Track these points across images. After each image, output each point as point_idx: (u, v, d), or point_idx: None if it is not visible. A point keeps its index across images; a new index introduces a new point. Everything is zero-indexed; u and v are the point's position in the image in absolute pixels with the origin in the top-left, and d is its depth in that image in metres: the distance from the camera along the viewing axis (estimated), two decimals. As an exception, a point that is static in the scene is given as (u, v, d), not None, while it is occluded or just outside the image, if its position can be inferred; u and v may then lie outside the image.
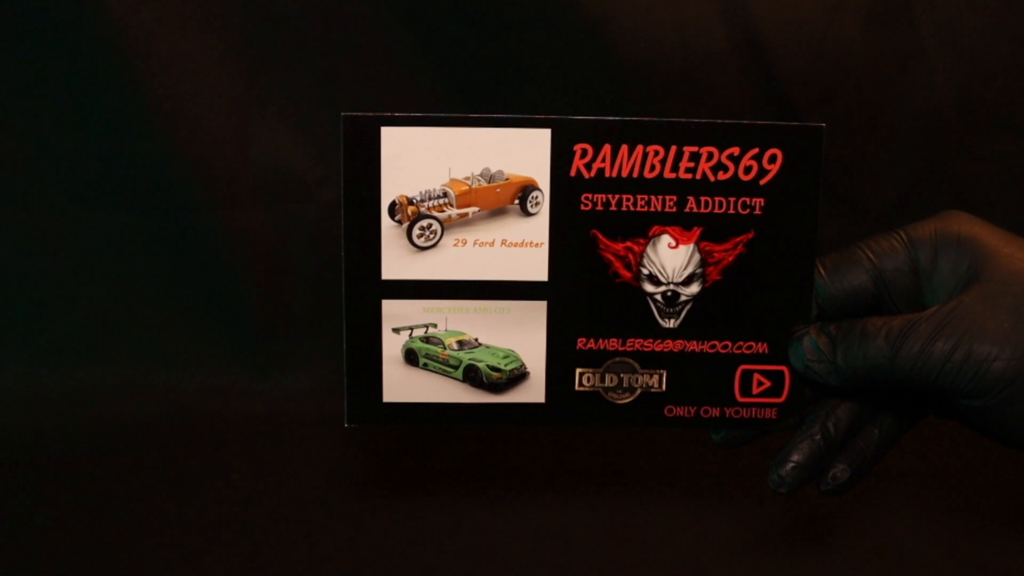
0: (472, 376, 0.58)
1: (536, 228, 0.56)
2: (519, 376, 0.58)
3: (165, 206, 1.14)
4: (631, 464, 1.08)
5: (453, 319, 0.57)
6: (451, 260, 0.56)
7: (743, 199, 0.56)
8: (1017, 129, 1.15)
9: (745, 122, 0.55)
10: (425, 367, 0.58)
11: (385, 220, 0.55)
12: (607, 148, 0.55)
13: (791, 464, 0.56)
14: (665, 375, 0.58)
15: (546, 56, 1.11)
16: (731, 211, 0.56)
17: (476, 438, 1.11)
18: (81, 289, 1.16)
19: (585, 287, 0.57)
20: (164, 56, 1.09)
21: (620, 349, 0.58)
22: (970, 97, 1.14)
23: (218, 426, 1.13)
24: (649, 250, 0.56)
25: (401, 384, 0.58)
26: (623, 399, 0.58)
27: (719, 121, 0.55)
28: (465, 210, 0.56)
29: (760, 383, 0.58)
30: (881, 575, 0.94)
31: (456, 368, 0.58)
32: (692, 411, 0.58)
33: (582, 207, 0.56)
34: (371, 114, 0.54)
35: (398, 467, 1.09)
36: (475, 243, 0.56)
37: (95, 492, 1.03)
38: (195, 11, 1.09)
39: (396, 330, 0.57)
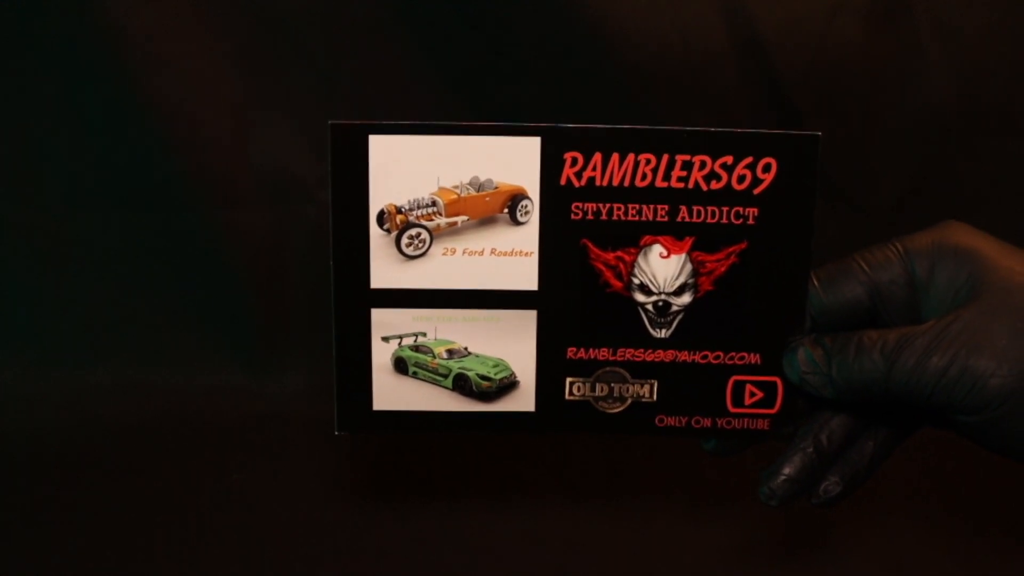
0: (462, 385, 0.57)
1: (526, 237, 0.55)
2: (509, 385, 0.57)
3: (165, 206, 1.14)
4: (625, 470, 1.07)
5: (443, 328, 0.57)
6: (440, 269, 0.56)
7: (736, 208, 0.55)
8: (1017, 129, 1.15)
9: (739, 130, 0.54)
10: (415, 376, 0.58)
11: (374, 229, 0.55)
12: (598, 156, 0.54)
13: (782, 477, 0.56)
14: (656, 385, 0.57)
15: (545, 56, 1.10)
16: (724, 221, 0.55)
17: (474, 442, 1.10)
18: (81, 289, 1.16)
19: (575, 297, 0.56)
20: (164, 56, 1.08)
21: (611, 359, 0.57)
22: (970, 97, 1.13)
23: (218, 426, 1.13)
24: (640, 260, 0.56)
25: (391, 392, 0.58)
26: (614, 408, 0.58)
27: (712, 129, 0.54)
28: (454, 219, 0.55)
29: (752, 394, 0.57)
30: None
31: (446, 377, 0.58)
32: (683, 421, 0.58)
33: (572, 216, 0.55)
34: (359, 122, 0.53)
35: (399, 470, 1.09)
36: (464, 252, 0.56)
37: (95, 492, 1.03)
38: (196, 10, 1.08)
39: (386, 339, 0.57)
